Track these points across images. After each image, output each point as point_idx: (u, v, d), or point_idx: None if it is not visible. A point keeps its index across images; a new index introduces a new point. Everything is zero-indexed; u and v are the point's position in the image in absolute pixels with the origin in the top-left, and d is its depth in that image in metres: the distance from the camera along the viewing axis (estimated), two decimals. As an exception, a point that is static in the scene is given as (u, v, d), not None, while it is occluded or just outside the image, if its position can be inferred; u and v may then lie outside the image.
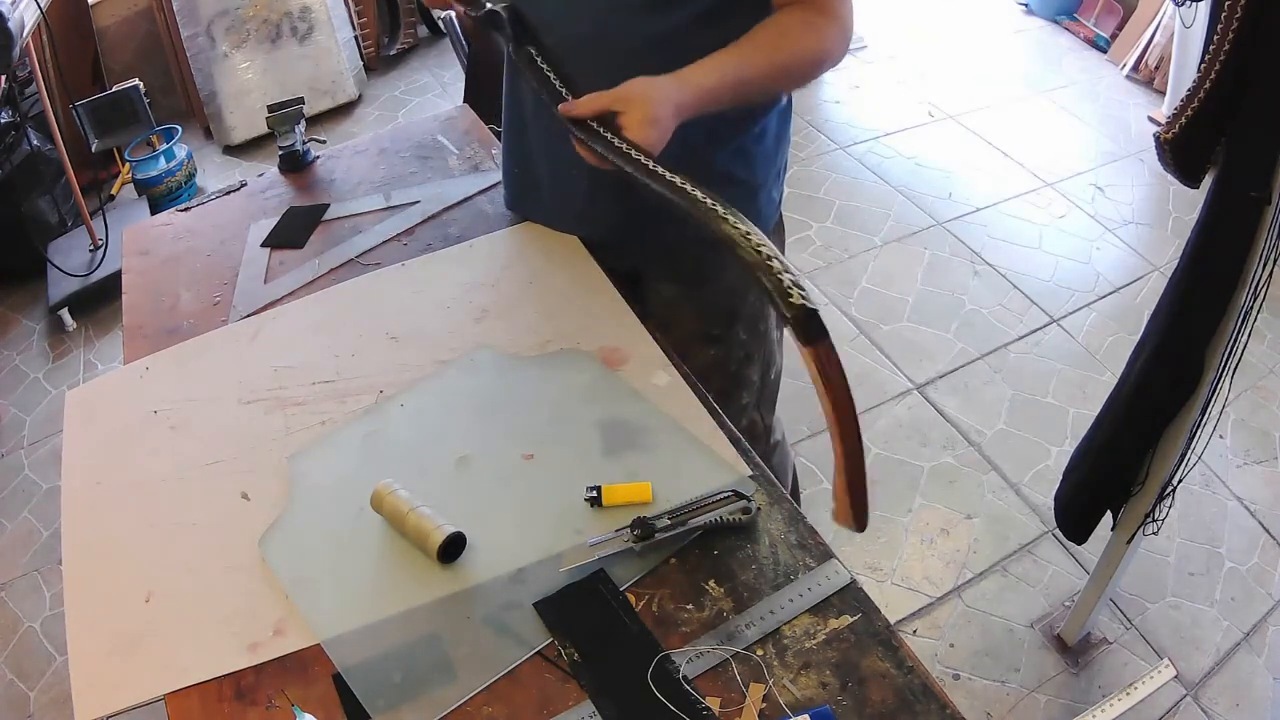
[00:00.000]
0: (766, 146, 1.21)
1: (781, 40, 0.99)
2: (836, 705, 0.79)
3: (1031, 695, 1.70)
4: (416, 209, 1.43)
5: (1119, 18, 3.69)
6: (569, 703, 0.81)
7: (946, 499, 2.07)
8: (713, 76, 0.96)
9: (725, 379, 1.33)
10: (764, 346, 1.36)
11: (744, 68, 0.97)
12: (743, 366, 1.35)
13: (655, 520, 0.91)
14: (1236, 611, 1.84)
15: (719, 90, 0.97)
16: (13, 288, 2.86)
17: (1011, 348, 2.46)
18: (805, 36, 0.99)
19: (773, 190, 1.27)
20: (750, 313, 1.31)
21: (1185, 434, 1.33)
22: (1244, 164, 1.08)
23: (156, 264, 1.38)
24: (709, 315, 1.30)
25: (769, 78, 1.01)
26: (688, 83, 0.95)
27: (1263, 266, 1.13)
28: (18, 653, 1.90)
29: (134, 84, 2.97)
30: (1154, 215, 2.92)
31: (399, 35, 3.85)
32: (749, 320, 1.32)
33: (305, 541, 0.96)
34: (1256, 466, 2.14)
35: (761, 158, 1.21)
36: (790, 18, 1.00)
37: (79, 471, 1.07)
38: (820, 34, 1.00)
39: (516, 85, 1.22)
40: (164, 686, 0.85)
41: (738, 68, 0.97)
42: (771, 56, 0.99)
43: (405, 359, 1.17)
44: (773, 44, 0.99)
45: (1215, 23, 1.01)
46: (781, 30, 0.99)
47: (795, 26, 0.99)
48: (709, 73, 0.96)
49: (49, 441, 2.35)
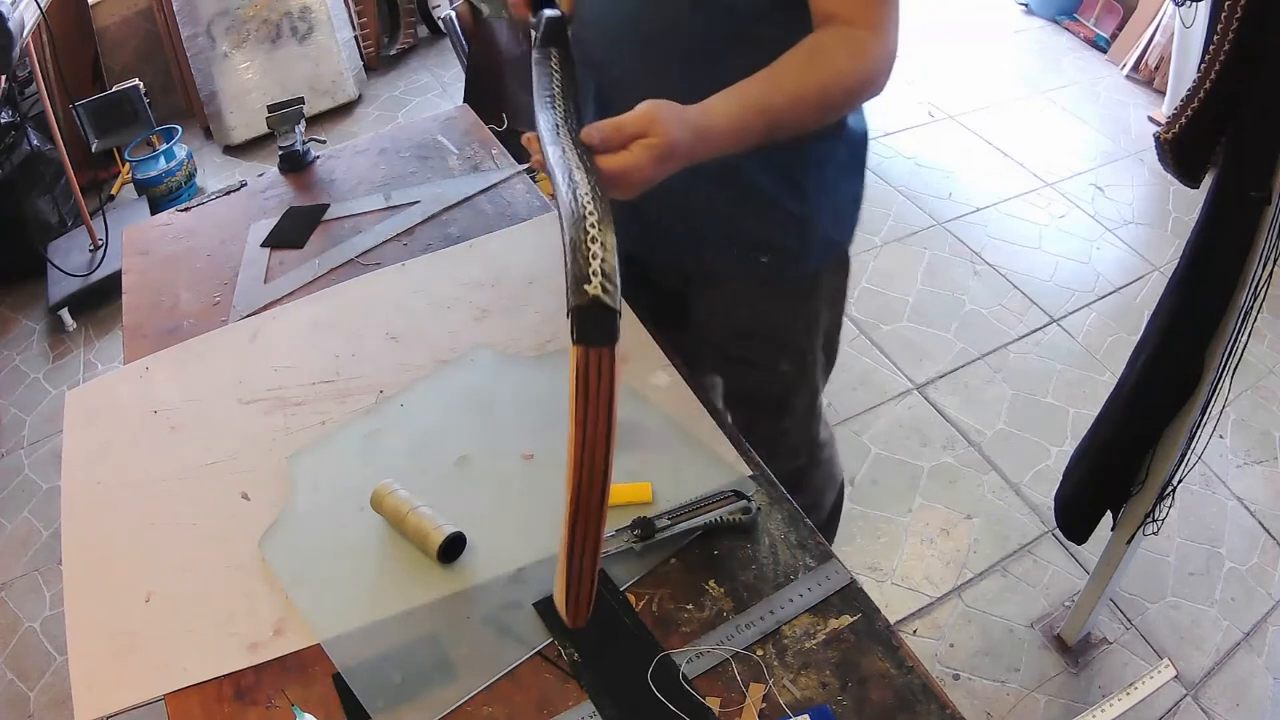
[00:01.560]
0: (824, 177, 1.10)
1: (814, 62, 0.87)
2: (836, 705, 0.79)
3: (1031, 695, 1.70)
4: (416, 209, 1.43)
5: (1119, 18, 3.69)
6: (569, 703, 0.81)
7: (946, 499, 2.07)
8: (735, 108, 0.84)
9: (768, 397, 1.31)
10: (809, 364, 1.30)
11: (771, 95, 0.86)
12: (785, 385, 1.31)
13: (655, 520, 0.91)
14: (1236, 611, 1.84)
15: (742, 130, 0.85)
16: (13, 288, 2.86)
17: (1011, 348, 2.46)
18: (842, 56, 0.88)
19: (830, 227, 1.16)
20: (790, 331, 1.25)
21: (1185, 434, 1.33)
22: (1244, 164, 1.08)
23: (156, 264, 1.38)
24: (745, 332, 1.25)
25: (802, 105, 0.88)
26: (710, 126, 0.83)
27: (1263, 266, 1.13)
28: (18, 653, 1.90)
29: (134, 84, 2.97)
30: (1154, 215, 2.92)
31: (399, 35, 3.85)
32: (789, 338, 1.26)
33: (305, 541, 0.96)
34: (1256, 466, 2.14)
35: (816, 189, 1.10)
36: (827, 35, 0.89)
37: (79, 471, 1.07)
38: (860, 51, 0.88)
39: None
40: (164, 686, 0.85)
41: (764, 95, 0.86)
42: (802, 80, 0.87)
43: (405, 359, 1.17)
44: (803, 67, 0.87)
45: (1215, 23, 1.01)
46: (816, 51, 0.88)
47: (832, 45, 0.88)
48: (732, 105, 0.84)
49: (49, 441, 2.35)
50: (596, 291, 0.63)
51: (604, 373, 0.63)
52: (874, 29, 0.88)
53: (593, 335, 0.63)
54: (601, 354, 0.63)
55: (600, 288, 0.63)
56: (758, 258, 1.14)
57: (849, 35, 0.88)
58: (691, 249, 1.17)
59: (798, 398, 1.33)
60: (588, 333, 0.63)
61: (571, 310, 0.63)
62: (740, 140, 0.85)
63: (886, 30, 0.89)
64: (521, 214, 1.40)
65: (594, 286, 0.63)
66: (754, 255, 1.14)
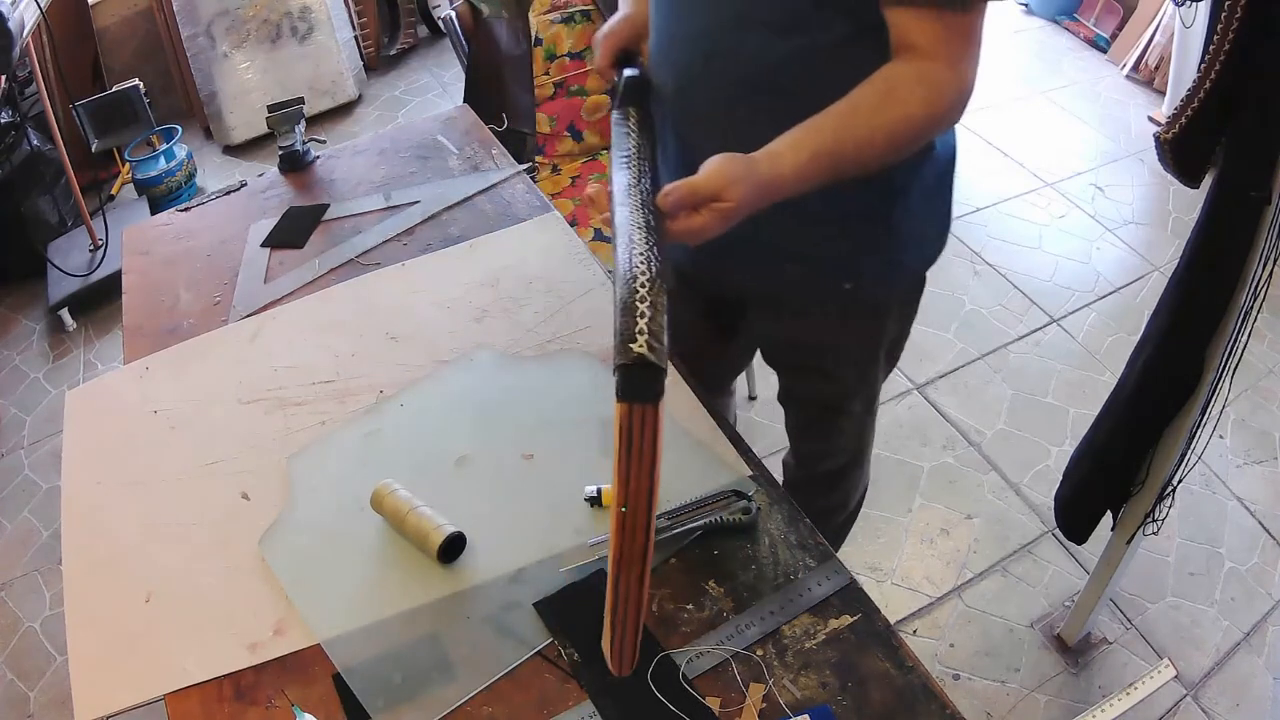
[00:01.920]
0: (912, 201, 1.06)
1: (887, 103, 0.85)
2: (836, 705, 0.79)
3: (1031, 695, 1.70)
4: (416, 209, 1.43)
5: (1119, 18, 3.69)
6: (569, 703, 0.81)
7: (946, 499, 2.06)
8: (804, 157, 0.83)
9: (826, 399, 1.30)
10: (871, 374, 1.30)
11: (841, 141, 0.84)
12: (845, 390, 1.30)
13: (655, 520, 0.91)
14: (1236, 611, 1.84)
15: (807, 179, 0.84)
16: (13, 288, 2.86)
17: (1011, 348, 2.46)
18: (916, 97, 0.85)
19: (916, 251, 1.13)
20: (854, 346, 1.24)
21: (1185, 434, 1.33)
22: (1244, 164, 1.08)
23: (156, 264, 1.38)
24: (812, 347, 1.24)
25: (870, 150, 0.86)
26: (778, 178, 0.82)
27: (1263, 266, 1.13)
28: (18, 653, 1.90)
29: (134, 84, 2.96)
30: (1154, 215, 2.92)
31: (399, 35, 3.85)
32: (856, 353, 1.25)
33: (305, 541, 0.96)
34: (1256, 466, 2.13)
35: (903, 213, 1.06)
36: (904, 72, 0.85)
37: (79, 471, 1.07)
38: (936, 91, 0.85)
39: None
40: (164, 686, 0.85)
41: (833, 142, 0.84)
42: (872, 124, 0.84)
43: (405, 359, 1.17)
44: (876, 109, 0.84)
45: (1215, 23, 1.00)
46: (891, 90, 0.85)
47: (907, 84, 0.85)
48: (800, 155, 0.83)
49: (49, 441, 2.35)
50: (642, 350, 0.64)
51: (647, 430, 0.64)
52: (953, 65, 0.85)
53: (637, 392, 0.64)
54: (645, 411, 0.64)
55: (646, 346, 0.64)
56: (841, 284, 1.11)
57: (926, 73, 0.85)
58: (772, 275, 1.12)
59: (856, 401, 1.33)
60: (632, 390, 0.64)
61: (617, 368, 0.65)
62: (804, 188, 0.85)
63: (966, 68, 0.86)
64: (521, 214, 1.40)
65: (640, 345, 0.64)
66: (838, 281, 1.11)
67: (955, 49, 0.85)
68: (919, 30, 0.84)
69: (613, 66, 1.04)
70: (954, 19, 0.83)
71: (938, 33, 0.84)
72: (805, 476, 1.48)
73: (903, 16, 0.84)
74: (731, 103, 0.96)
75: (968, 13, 0.83)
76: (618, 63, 1.04)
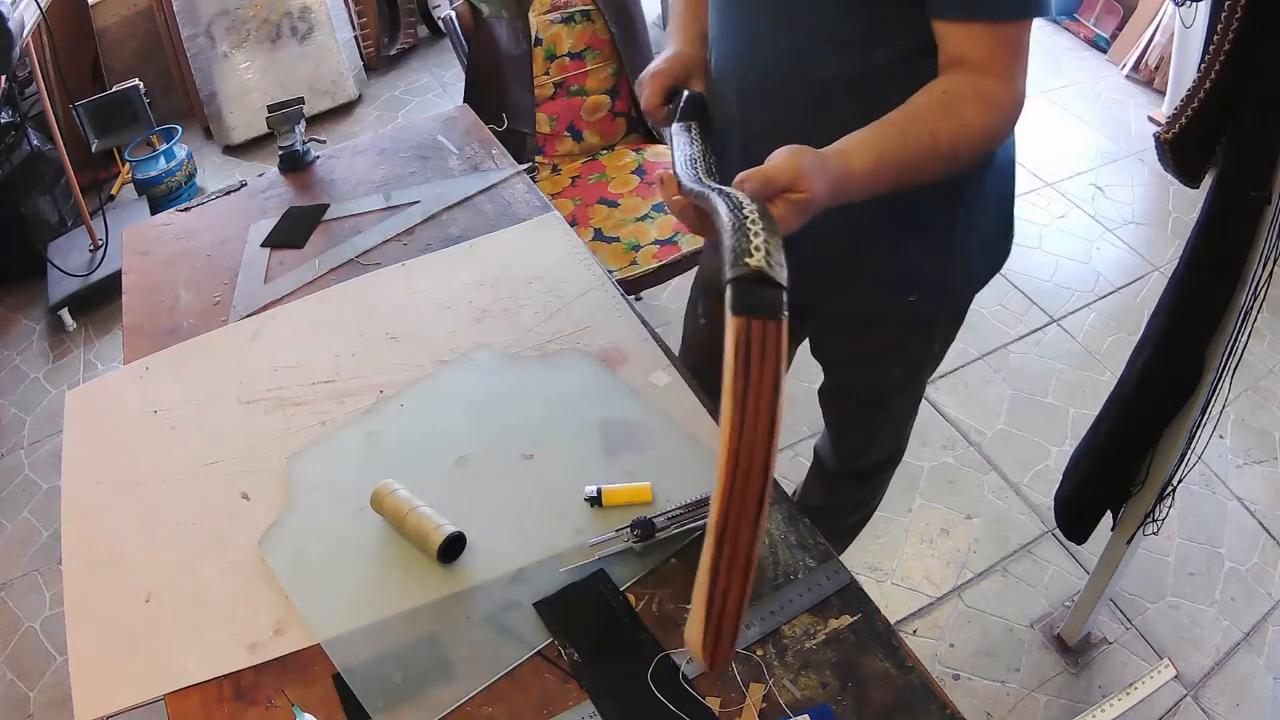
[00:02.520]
0: (975, 211, 1.06)
1: (947, 114, 0.84)
2: (836, 705, 0.79)
3: (1031, 695, 1.70)
4: (416, 209, 1.43)
5: (1119, 18, 3.68)
6: (569, 703, 0.81)
7: (946, 499, 2.06)
8: (871, 160, 0.82)
9: (873, 395, 1.30)
10: (920, 373, 1.29)
11: (906, 147, 0.83)
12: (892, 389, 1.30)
13: (655, 520, 0.91)
14: (1236, 611, 1.84)
15: (877, 182, 0.83)
16: (13, 288, 2.86)
17: (1011, 348, 2.45)
18: (975, 110, 0.85)
19: (979, 261, 1.13)
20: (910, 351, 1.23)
21: (1185, 434, 1.33)
22: (1244, 164, 1.08)
23: (156, 264, 1.38)
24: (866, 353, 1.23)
25: (933, 158, 0.85)
26: (849, 178, 0.81)
27: (1263, 266, 1.13)
28: (18, 653, 1.90)
29: (134, 84, 2.96)
30: (1154, 215, 2.92)
31: (399, 35, 3.85)
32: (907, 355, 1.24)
33: (305, 541, 0.96)
34: (1256, 466, 2.13)
35: (967, 224, 1.06)
36: (959, 84, 0.85)
37: (79, 471, 1.08)
38: (992, 104, 0.85)
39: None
40: (164, 686, 0.85)
41: (899, 148, 0.83)
42: (935, 133, 0.84)
43: (405, 359, 1.17)
44: (937, 119, 0.84)
45: (1215, 22, 1.00)
46: (949, 102, 0.85)
47: (963, 97, 0.84)
48: (868, 157, 0.82)
49: (49, 441, 2.35)
50: (760, 264, 0.57)
51: (769, 348, 0.55)
52: (1004, 79, 0.85)
53: (756, 306, 0.56)
54: (766, 326, 0.55)
55: (764, 260, 0.57)
56: (905, 296, 1.10)
57: (980, 87, 0.85)
58: (839, 288, 1.12)
59: (902, 400, 1.33)
60: (750, 303, 0.56)
61: (729, 282, 0.57)
62: (872, 191, 0.83)
63: (1016, 81, 0.87)
64: (521, 214, 1.40)
65: (756, 259, 0.57)
66: (901, 293, 1.10)
67: (1007, 62, 0.85)
68: (970, 44, 0.85)
69: (662, 105, 1.03)
70: (1006, 30, 0.84)
71: (989, 47, 0.84)
72: (840, 470, 1.48)
73: (953, 30, 0.85)
74: (795, 121, 0.96)
75: (1017, 24, 0.84)
76: (666, 100, 1.03)
